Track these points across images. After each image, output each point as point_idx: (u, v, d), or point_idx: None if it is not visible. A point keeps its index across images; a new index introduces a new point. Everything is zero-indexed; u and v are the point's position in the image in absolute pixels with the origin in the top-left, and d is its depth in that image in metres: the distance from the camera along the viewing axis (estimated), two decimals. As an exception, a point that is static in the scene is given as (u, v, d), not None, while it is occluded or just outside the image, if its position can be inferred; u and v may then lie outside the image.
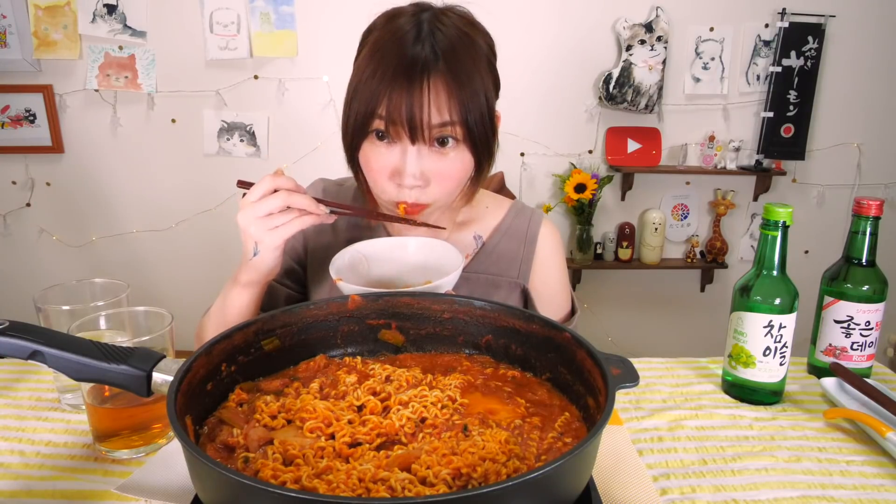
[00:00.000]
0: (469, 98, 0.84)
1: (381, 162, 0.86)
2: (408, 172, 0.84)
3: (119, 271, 2.61)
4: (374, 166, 0.87)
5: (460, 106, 0.83)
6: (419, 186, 0.86)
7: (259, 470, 0.51)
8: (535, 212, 1.08)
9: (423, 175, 0.86)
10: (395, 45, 0.84)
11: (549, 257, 1.06)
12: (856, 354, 0.94)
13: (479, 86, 0.85)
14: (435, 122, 0.82)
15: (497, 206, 1.07)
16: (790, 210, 0.85)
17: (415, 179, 0.85)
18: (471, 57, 0.85)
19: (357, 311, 0.76)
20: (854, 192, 2.72)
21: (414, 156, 0.84)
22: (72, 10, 2.37)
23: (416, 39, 0.83)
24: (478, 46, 0.87)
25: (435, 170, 0.86)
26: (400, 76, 0.81)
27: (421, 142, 0.84)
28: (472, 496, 0.42)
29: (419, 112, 0.81)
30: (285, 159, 2.55)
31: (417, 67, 0.82)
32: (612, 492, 0.69)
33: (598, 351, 0.61)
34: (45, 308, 0.80)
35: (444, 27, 0.85)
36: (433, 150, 0.86)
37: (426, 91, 0.81)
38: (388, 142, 0.86)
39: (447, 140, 0.85)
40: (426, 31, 0.84)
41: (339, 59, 2.46)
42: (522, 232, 1.05)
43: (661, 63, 2.47)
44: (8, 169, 2.55)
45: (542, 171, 2.63)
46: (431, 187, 0.87)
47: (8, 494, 0.66)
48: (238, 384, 0.66)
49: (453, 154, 0.86)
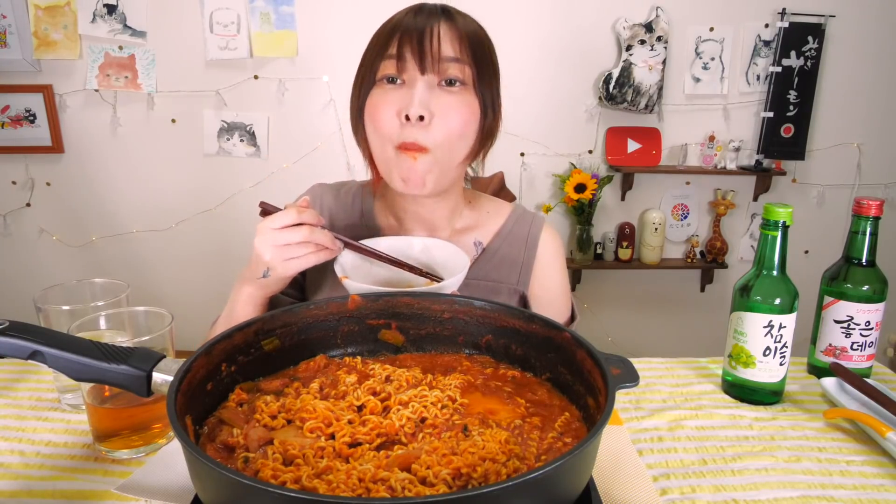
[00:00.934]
0: (478, 46, 0.89)
1: (387, 100, 0.87)
2: (415, 100, 0.85)
3: (119, 271, 2.61)
4: (381, 107, 0.87)
5: (471, 48, 0.88)
6: (422, 122, 0.85)
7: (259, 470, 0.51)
8: (537, 216, 1.08)
9: (427, 107, 0.85)
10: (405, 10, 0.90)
11: (550, 263, 1.05)
12: (856, 354, 0.94)
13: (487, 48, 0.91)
14: (445, 54, 0.86)
15: (498, 211, 1.07)
16: (790, 210, 0.85)
17: (420, 108, 0.85)
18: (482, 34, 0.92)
19: (357, 311, 0.76)
20: (854, 192, 2.72)
21: (421, 86, 0.86)
22: (72, 10, 2.37)
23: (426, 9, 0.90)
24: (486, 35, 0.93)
25: (440, 105, 0.86)
26: (410, 20, 0.87)
27: (430, 72, 0.86)
28: (472, 496, 0.42)
29: (430, 42, 0.85)
30: (285, 159, 2.55)
31: (428, 12, 0.88)
32: (612, 492, 0.69)
33: (598, 351, 0.61)
34: (45, 308, 0.80)
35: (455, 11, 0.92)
36: (440, 88, 0.87)
37: (437, 27, 0.86)
38: (398, 84, 0.88)
39: (454, 81, 0.88)
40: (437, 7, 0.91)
41: (339, 59, 2.46)
42: (523, 237, 1.04)
43: (661, 63, 2.47)
44: (8, 169, 2.55)
45: (542, 171, 2.62)
46: (435, 126, 0.86)
47: (8, 494, 0.66)
48: (238, 384, 0.66)
49: (459, 96, 0.88)
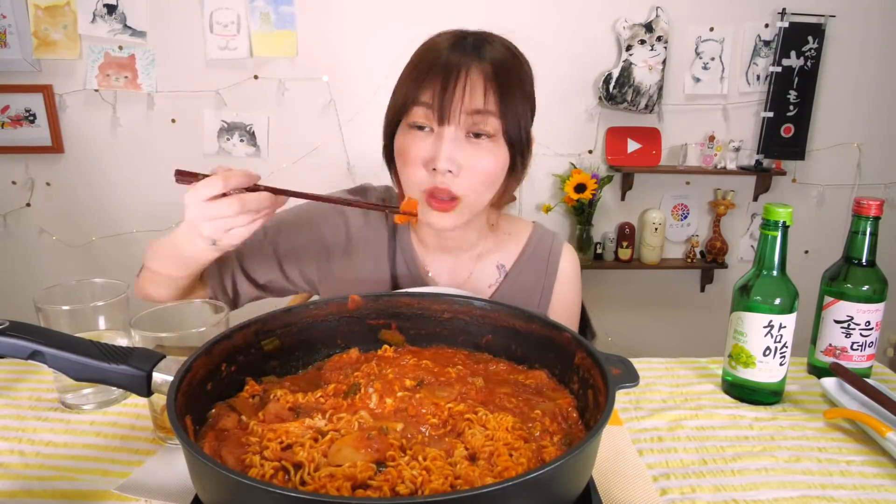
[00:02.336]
0: (508, 94, 0.85)
1: (415, 149, 0.87)
2: (441, 156, 0.84)
3: (119, 271, 2.61)
4: (409, 153, 0.87)
5: (499, 98, 0.85)
6: (451, 173, 0.86)
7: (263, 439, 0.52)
8: (556, 238, 1.09)
9: (455, 161, 0.85)
10: (437, 48, 0.87)
11: (569, 284, 1.09)
12: (856, 354, 0.94)
13: (517, 92, 0.87)
14: (471, 107, 0.84)
15: (518, 232, 1.08)
16: (790, 210, 0.85)
17: (448, 163, 0.84)
18: (514, 65, 0.88)
19: (357, 311, 0.76)
20: (854, 192, 2.72)
21: (448, 140, 0.85)
22: (72, 10, 2.37)
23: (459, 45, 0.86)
24: (521, 63, 0.91)
25: (468, 159, 0.86)
26: (440, 66, 0.84)
27: (455, 126, 0.84)
28: (473, 496, 0.42)
29: (455, 96, 0.83)
30: (285, 159, 2.55)
31: (459, 59, 0.84)
32: (612, 492, 0.69)
33: (598, 351, 0.61)
34: (45, 308, 0.80)
35: (490, 43, 0.88)
36: (468, 140, 0.86)
37: (467, 79, 0.83)
38: (425, 131, 0.87)
39: (481, 134, 0.86)
40: (469, 42, 0.87)
41: (339, 59, 2.46)
42: (543, 260, 1.06)
43: (661, 63, 2.47)
44: (8, 169, 2.55)
45: (542, 171, 2.62)
46: (463, 177, 0.87)
47: (8, 494, 0.66)
48: (238, 384, 0.66)
49: (487, 147, 0.87)
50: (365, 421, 0.59)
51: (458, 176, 0.86)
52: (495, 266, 1.05)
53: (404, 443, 0.56)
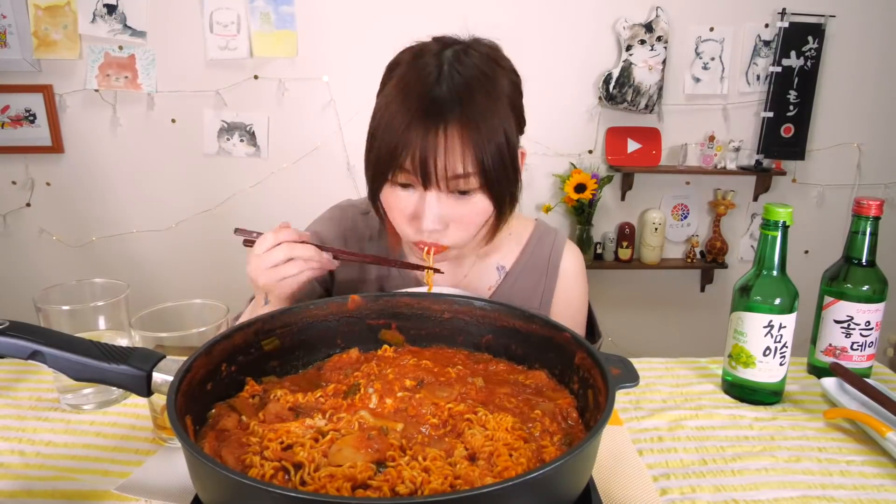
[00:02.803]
0: (486, 147, 0.82)
1: (400, 206, 0.87)
2: (426, 218, 0.85)
3: (119, 271, 2.61)
4: (395, 210, 0.88)
5: (477, 156, 0.82)
6: (438, 231, 0.87)
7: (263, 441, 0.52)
8: (558, 236, 1.08)
9: (441, 220, 0.86)
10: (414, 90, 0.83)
11: (572, 284, 1.07)
12: (856, 354, 0.94)
13: (497, 130, 0.84)
14: (452, 173, 0.82)
15: (520, 232, 1.07)
16: (790, 210, 0.85)
17: (433, 224, 0.85)
18: (490, 99, 0.84)
19: (357, 311, 0.76)
20: (854, 192, 2.72)
21: (433, 202, 0.85)
22: (72, 10, 2.37)
23: (437, 82, 0.83)
24: (499, 87, 0.86)
25: (454, 215, 0.86)
26: (418, 126, 0.81)
27: (438, 189, 0.84)
28: (473, 496, 0.42)
29: (436, 165, 0.81)
30: (285, 159, 2.54)
31: (434, 116, 0.81)
32: (612, 492, 0.69)
33: (598, 351, 0.61)
34: (45, 308, 0.80)
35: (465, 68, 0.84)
36: (452, 196, 0.86)
37: (442, 143, 0.81)
38: (409, 190, 0.86)
39: (465, 191, 0.85)
40: (446, 73, 0.83)
41: (339, 59, 2.46)
42: (544, 260, 1.05)
43: (661, 63, 2.47)
44: (8, 169, 2.54)
45: (542, 171, 2.62)
46: (451, 231, 0.88)
47: (8, 494, 0.66)
48: (238, 384, 0.66)
49: (473, 200, 0.86)
50: (365, 421, 0.59)
51: (444, 231, 0.87)
52: (495, 268, 1.04)
53: (404, 443, 0.56)
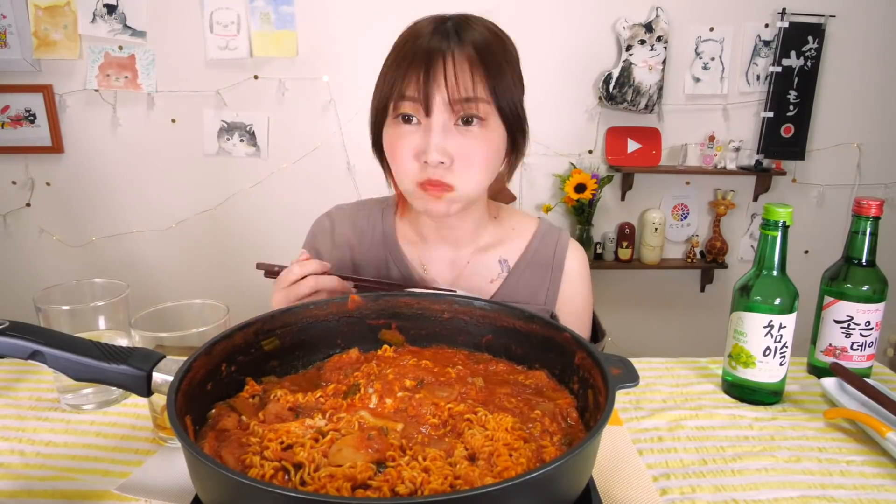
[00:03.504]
0: (496, 75, 0.82)
1: (404, 143, 0.85)
2: (431, 148, 0.82)
3: (119, 271, 2.61)
4: (398, 148, 0.85)
5: (487, 81, 0.81)
6: (443, 165, 0.83)
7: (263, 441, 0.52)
8: (562, 234, 1.07)
9: (446, 152, 0.83)
10: (417, 36, 0.84)
11: (576, 281, 1.05)
12: (856, 354, 0.94)
13: (504, 68, 0.83)
14: (459, 95, 0.81)
15: (523, 228, 1.06)
16: (790, 210, 0.85)
17: (439, 154, 0.82)
18: (498, 45, 0.85)
19: (357, 311, 0.76)
20: (854, 192, 2.72)
21: (438, 130, 0.82)
22: (72, 10, 2.37)
23: (438, 29, 0.84)
24: (504, 42, 0.88)
25: (459, 148, 0.83)
26: (422, 56, 0.81)
27: (443, 116, 0.82)
28: (473, 496, 0.42)
29: (441, 86, 0.80)
30: (285, 159, 2.54)
31: (440, 47, 0.81)
32: (612, 492, 0.69)
33: (598, 351, 0.61)
34: (45, 308, 0.80)
35: (470, 26, 0.86)
36: (458, 129, 0.83)
37: (450, 66, 0.80)
38: (413, 123, 0.84)
39: (472, 119, 0.83)
40: (450, 26, 0.85)
41: (339, 59, 2.46)
42: (549, 257, 1.04)
43: (661, 63, 2.47)
44: (8, 169, 2.54)
45: (542, 171, 2.62)
46: (456, 168, 0.84)
47: (8, 494, 0.66)
48: (238, 384, 0.66)
49: (479, 133, 0.84)
50: (365, 421, 0.59)
51: (450, 167, 0.84)
52: (497, 260, 1.02)
53: (404, 443, 0.56)
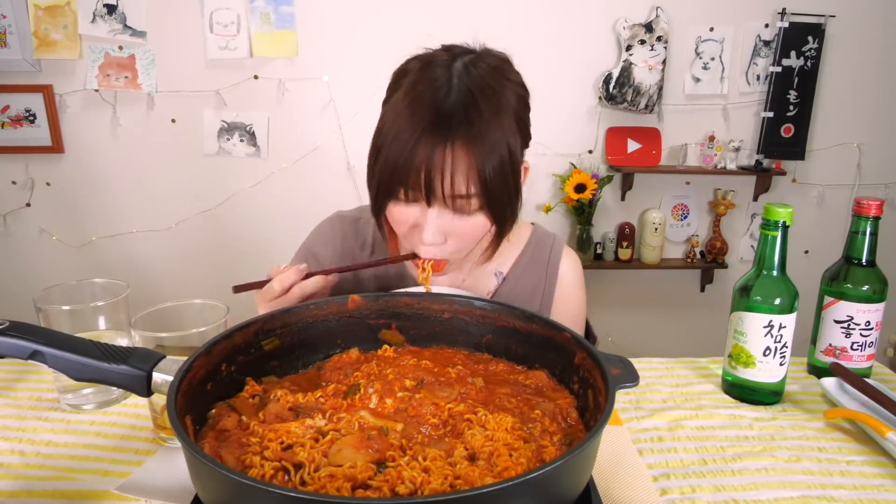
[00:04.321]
0: (489, 165, 0.83)
1: (403, 217, 0.89)
2: (426, 231, 0.86)
3: (119, 271, 2.61)
4: (397, 220, 0.90)
5: (480, 176, 0.82)
6: (437, 244, 0.88)
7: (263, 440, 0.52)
8: (556, 240, 1.09)
9: (441, 233, 0.88)
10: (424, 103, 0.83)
11: (571, 287, 1.08)
12: (856, 354, 0.94)
13: (501, 146, 0.84)
14: (455, 192, 0.83)
15: (517, 237, 1.07)
16: (790, 210, 0.85)
17: (433, 238, 0.87)
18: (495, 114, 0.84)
19: (357, 311, 0.76)
20: (854, 192, 2.72)
21: (433, 219, 0.86)
22: (72, 10, 2.37)
23: (446, 96, 0.82)
24: (504, 101, 0.86)
25: (453, 229, 0.88)
26: (426, 143, 0.81)
27: (440, 206, 0.85)
28: (473, 496, 0.42)
29: (442, 183, 0.82)
30: (285, 159, 2.54)
31: (442, 132, 0.81)
32: (612, 492, 0.69)
33: (598, 351, 0.61)
34: (45, 308, 0.80)
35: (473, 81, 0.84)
36: (454, 213, 0.87)
37: (449, 161, 0.81)
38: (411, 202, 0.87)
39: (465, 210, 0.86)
40: (455, 87, 0.83)
41: (339, 59, 2.46)
42: (543, 263, 1.06)
43: (661, 63, 2.47)
44: (8, 169, 2.54)
45: (542, 171, 2.62)
46: (450, 244, 0.89)
47: (8, 494, 0.66)
48: (238, 384, 0.66)
49: (472, 218, 0.87)
50: (365, 421, 0.59)
51: (444, 244, 0.89)
52: (493, 274, 1.05)
53: (404, 443, 0.56)
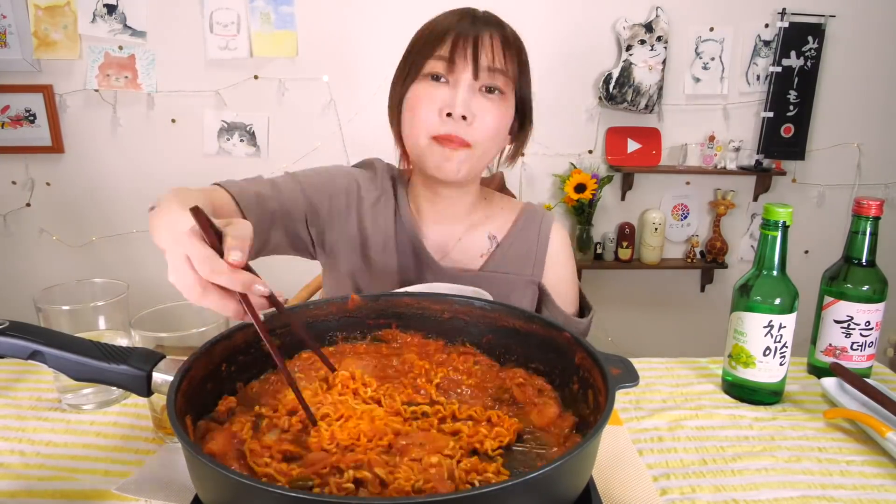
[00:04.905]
0: (522, 61, 0.95)
1: (431, 97, 0.92)
2: (459, 100, 0.90)
3: (119, 271, 2.61)
4: (423, 100, 0.93)
5: (517, 61, 0.94)
6: (465, 121, 0.91)
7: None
8: (546, 213, 1.14)
9: (470, 109, 0.91)
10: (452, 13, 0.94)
11: (560, 253, 1.11)
12: (856, 354, 0.94)
13: (525, 61, 0.97)
14: (495, 65, 0.91)
15: (510, 208, 1.13)
16: (790, 210, 0.85)
17: (464, 109, 0.91)
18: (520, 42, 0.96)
19: (357, 310, 0.76)
20: (854, 192, 2.72)
21: (465, 86, 0.91)
22: (72, 10, 2.37)
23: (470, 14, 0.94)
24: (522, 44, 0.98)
25: (481, 108, 0.92)
26: (464, 22, 0.92)
27: (477, 78, 0.91)
28: (473, 496, 0.42)
29: (483, 50, 0.90)
30: (285, 159, 2.54)
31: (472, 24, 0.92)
32: (612, 492, 0.69)
33: (597, 351, 0.61)
34: (45, 308, 0.80)
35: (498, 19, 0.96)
36: (482, 94, 0.92)
37: (488, 37, 0.91)
38: (442, 82, 0.92)
39: (495, 89, 0.93)
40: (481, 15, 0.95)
41: (339, 59, 2.46)
42: (535, 231, 1.10)
43: (661, 63, 2.47)
44: (8, 169, 2.54)
45: (542, 171, 2.62)
46: (475, 127, 0.92)
47: (8, 494, 0.66)
48: (237, 384, 0.66)
49: (498, 102, 0.93)
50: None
51: (470, 124, 0.92)
52: (486, 236, 1.08)
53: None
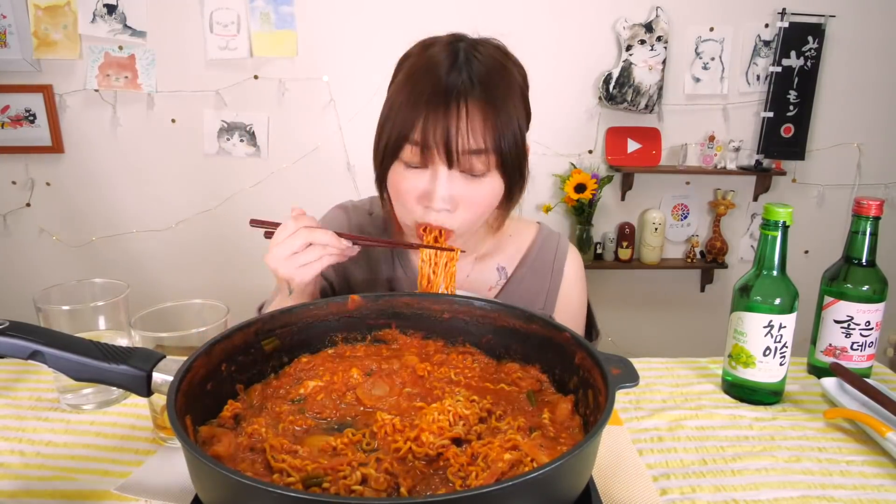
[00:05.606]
0: (504, 125, 0.83)
1: (410, 185, 0.86)
2: (437, 196, 0.84)
3: (119, 271, 2.61)
4: (403, 189, 0.86)
5: (495, 133, 0.82)
6: (447, 210, 0.86)
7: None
8: (562, 240, 1.08)
9: (452, 199, 0.85)
10: (430, 72, 0.83)
11: (573, 287, 1.07)
12: (856, 354, 0.94)
13: (513, 114, 0.84)
14: (470, 148, 0.82)
15: (521, 234, 1.07)
16: (790, 210, 0.85)
17: (444, 203, 0.84)
18: (505, 85, 0.85)
19: (357, 311, 0.76)
20: (854, 192, 2.72)
21: (445, 179, 0.84)
22: (72, 10, 2.37)
23: (452, 67, 0.83)
24: (512, 76, 0.87)
25: (465, 195, 0.85)
26: (435, 101, 0.81)
27: (453, 166, 0.83)
28: (473, 496, 0.42)
29: (455, 137, 0.80)
30: (285, 159, 2.55)
31: (453, 93, 0.81)
32: (612, 492, 0.69)
33: (598, 351, 0.61)
34: (45, 308, 0.80)
35: (480, 56, 0.85)
36: (464, 176, 0.85)
37: (463, 116, 0.81)
38: (418, 167, 0.85)
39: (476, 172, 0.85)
40: (462, 59, 0.84)
41: (339, 59, 2.46)
42: (549, 263, 1.05)
43: (661, 63, 2.47)
44: (8, 169, 2.54)
45: (542, 171, 2.62)
46: (459, 212, 0.87)
47: (8, 494, 0.66)
48: (236, 383, 0.66)
49: (484, 180, 0.86)
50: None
51: (453, 212, 0.86)
52: (495, 268, 1.04)
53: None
